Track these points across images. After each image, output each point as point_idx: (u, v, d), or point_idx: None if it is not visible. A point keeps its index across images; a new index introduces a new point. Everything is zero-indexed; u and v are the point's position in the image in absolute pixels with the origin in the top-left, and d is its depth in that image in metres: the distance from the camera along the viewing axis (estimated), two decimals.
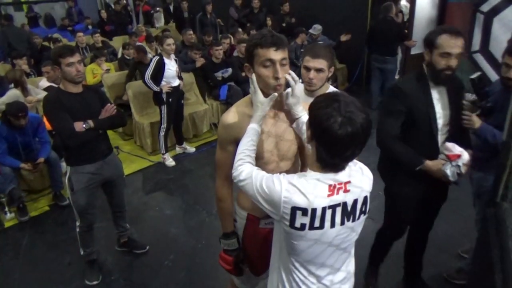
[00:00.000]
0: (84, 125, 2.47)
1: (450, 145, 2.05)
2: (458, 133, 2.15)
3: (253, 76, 1.48)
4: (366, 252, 3.03)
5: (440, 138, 2.11)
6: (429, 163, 2.03)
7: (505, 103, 1.99)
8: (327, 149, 1.19)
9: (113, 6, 10.30)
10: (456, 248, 2.92)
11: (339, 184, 1.23)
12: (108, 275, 2.93)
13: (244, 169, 1.37)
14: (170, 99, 4.48)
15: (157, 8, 9.90)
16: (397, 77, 6.44)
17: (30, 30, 9.56)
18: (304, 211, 1.21)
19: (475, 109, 2.24)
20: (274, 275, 1.46)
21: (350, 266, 1.44)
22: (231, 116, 1.58)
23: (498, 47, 4.76)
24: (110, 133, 3.57)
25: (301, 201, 1.21)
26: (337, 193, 1.22)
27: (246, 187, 1.35)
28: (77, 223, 2.78)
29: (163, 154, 4.70)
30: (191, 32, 6.29)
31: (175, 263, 3.02)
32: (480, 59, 5.60)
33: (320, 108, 1.17)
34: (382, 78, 6.02)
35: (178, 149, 5.04)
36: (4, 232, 3.52)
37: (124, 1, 10.62)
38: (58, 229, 3.52)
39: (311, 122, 1.22)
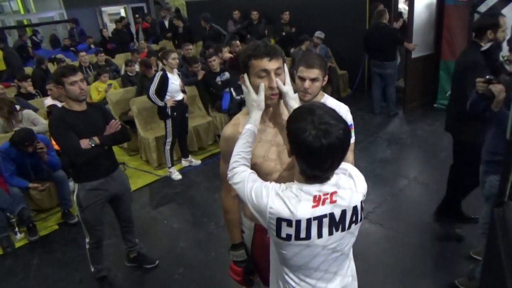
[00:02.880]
0: (89, 142, 2.51)
1: None
2: None
3: (245, 76, 1.48)
4: (375, 259, 3.00)
5: None
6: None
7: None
8: (305, 161, 1.19)
9: (114, 25, 10.47)
10: (467, 250, 2.90)
11: (324, 194, 1.21)
12: None
13: (238, 171, 1.36)
14: (175, 113, 4.52)
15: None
16: (398, 81, 6.43)
17: (34, 51, 9.74)
18: (289, 222, 1.21)
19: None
20: (274, 286, 1.47)
21: (349, 270, 1.41)
22: (230, 128, 1.59)
23: None
24: (116, 149, 3.60)
25: (285, 213, 1.21)
26: (323, 204, 1.21)
27: (238, 190, 1.35)
28: (87, 240, 2.81)
29: (169, 168, 4.73)
30: (190, 46, 6.36)
31: (185, 277, 3.01)
32: None
33: (295, 121, 1.18)
34: (382, 83, 6.02)
35: (184, 162, 5.07)
36: (15, 252, 3.54)
37: (126, 20, 10.79)
38: (67, 248, 3.54)
39: (288, 136, 1.22)
